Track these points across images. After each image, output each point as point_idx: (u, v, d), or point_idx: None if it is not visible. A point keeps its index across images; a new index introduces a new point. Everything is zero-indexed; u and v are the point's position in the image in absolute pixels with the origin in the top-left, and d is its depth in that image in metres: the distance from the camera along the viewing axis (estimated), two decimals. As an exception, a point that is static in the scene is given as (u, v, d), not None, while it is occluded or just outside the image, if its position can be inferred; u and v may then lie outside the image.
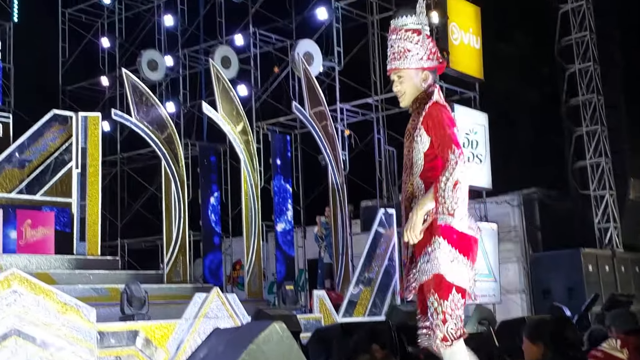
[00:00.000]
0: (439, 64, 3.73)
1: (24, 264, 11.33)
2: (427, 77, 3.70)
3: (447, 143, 3.46)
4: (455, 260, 3.44)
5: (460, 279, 3.45)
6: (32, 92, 17.42)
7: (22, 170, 14.38)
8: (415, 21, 3.76)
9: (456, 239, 3.44)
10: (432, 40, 3.76)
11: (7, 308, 6.94)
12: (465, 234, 3.46)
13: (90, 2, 18.37)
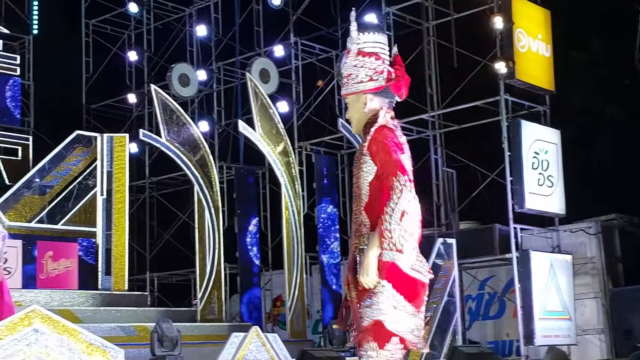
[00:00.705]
0: (387, 82, 3.74)
1: (45, 300, 11.57)
2: (367, 100, 3.75)
3: (391, 169, 3.49)
4: (398, 307, 3.48)
5: (402, 328, 3.50)
6: (53, 111, 17.82)
7: (42, 196, 14.73)
8: (355, 42, 3.79)
9: (402, 283, 3.47)
10: (379, 57, 3.76)
11: (27, 348, 7.12)
12: (412, 278, 3.50)
13: (115, 12, 18.76)
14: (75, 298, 12.45)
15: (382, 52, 3.78)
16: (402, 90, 3.80)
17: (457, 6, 15.05)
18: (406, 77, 3.81)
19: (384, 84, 3.73)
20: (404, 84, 3.79)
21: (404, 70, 3.82)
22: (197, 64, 17.69)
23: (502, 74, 13.17)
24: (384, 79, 3.73)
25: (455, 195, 14.82)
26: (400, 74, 3.77)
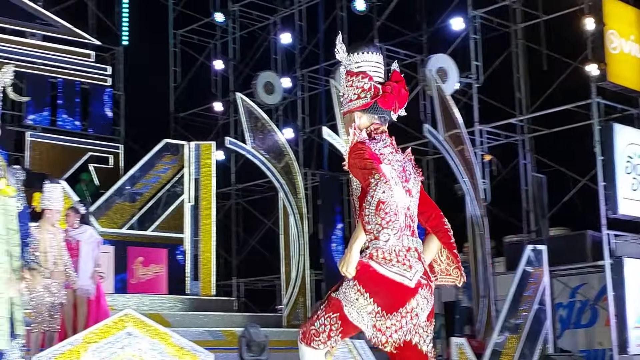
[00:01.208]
0: (374, 98, 3.77)
1: (137, 304, 11.80)
2: (356, 117, 3.80)
3: (366, 173, 3.56)
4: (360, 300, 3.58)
5: (357, 318, 3.60)
6: (142, 120, 18.22)
7: (133, 204, 15.07)
8: (344, 63, 3.87)
9: (373, 282, 3.56)
10: (366, 75, 3.80)
11: (121, 351, 7.29)
12: (387, 278, 3.55)
13: (202, 22, 19.10)
14: (164, 303, 12.67)
15: (371, 69, 3.81)
16: (394, 105, 3.80)
17: (546, 8, 14.77)
18: (399, 92, 3.82)
19: (370, 100, 3.76)
20: (395, 99, 3.79)
21: (401, 86, 3.85)
22: (282, 71, 17.84)
23: (593, 77, 12.87)
24: (372, 95, 3.76)
25: (545, 201, 14.52)
26: (390, 90, 3.78)
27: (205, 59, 19.44)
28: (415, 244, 3.67)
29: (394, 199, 3.47)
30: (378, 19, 16.53)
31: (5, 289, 4.00)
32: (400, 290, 3.57)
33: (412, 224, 3.70)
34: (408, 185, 3.72)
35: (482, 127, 14.80)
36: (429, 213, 3.84)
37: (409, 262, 3.59)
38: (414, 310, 3.59)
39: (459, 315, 13.40)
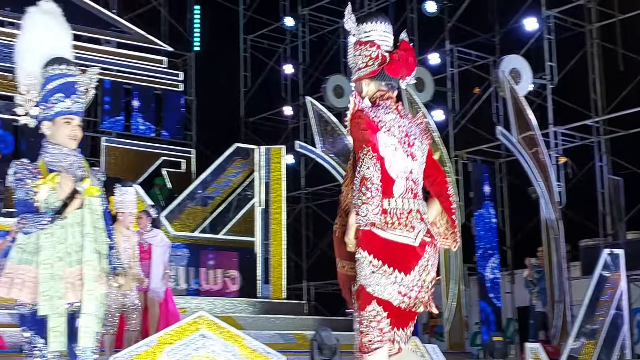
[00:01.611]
0: (381, 65, 3.88)
1: (209, 307, 11.94)
2: (364, 85, 3.97)
3: (359, 146, 3.74)
4: (376, 272, 3.69)
5: (380, 290, 3.70)
6: (214, 125, 18.45)
7: (204, 207, 15.25)
8: (352, 33, 4.01)
9: (379, 248, 3.70)
10: (374, 44, 3.92)
11: (195, 353, 7.37)
12: (392, 242, 3.70)
13: (272, 27, 19.24)
14: (236, 305, 12.79)
15: (379, 38, 3.93)
16: (401, 72, 3.92)
17: (622, 7, 14.44)
18: (407, 60, 3.94)
19: (378, 68, 3.88)
20: (402, 66, 3.91)
21: (409, 54, 3.97)
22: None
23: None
24: (379, 63, 3.88)
25: (622, 203, 14.18)
26: (397, 57, 3.90)
27: (275, 63, 19.56)
28: (417, 205, 3.80)
29: (377, 175, 3.66)
30: (449, 20, 16.39)
31: (95, 287, 4.08)
32: (407, 251, 3.71)
33: (415, 186, 3.83)
34: (411, 149, 3.84)
35: (556, 129, 14.54)
36: (434, 177, 3.95)
37: (411, 223, 3.74)
38: (427, 268, 3.74)
39: (532, 320, 13.21)
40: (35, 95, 4.19)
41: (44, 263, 4.00)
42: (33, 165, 4.10)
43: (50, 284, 3.99)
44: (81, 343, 4.05)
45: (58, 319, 3.98)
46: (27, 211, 4.02)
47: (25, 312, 4.03)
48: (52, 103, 4.14)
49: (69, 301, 4.04)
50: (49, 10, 4.35)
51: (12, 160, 4.11)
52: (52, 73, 4.17)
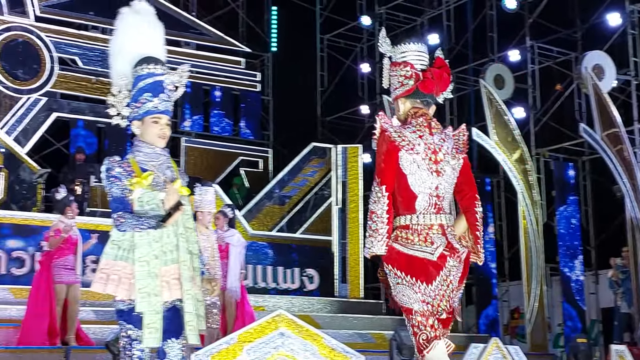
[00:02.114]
0: (413, 85, 4.09)
1: (287, 305, 11.99)
2: (400, 103, 4.17)
3: (375, 173, 4.07)
4: (401, 282, 3.99)
5: (405, 299, 3.99)
6: (290, 125, 18.54)
7: (282, 206, 15.34)
8: (387, 55, 4.24)
9: (400, 262, 3.97)
10: (407, 64, 4.13)
11: (274, 351, 7.38)
12: (412, 256, 3.95)
13: (349, 26, 19.23)
14: (314, 304, 12.81)
15: (413, 58, 4.14)
16: (435, 89, 4.12)
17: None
18: (441, 77, 4.13)
19: (412, 86, 4.08)
20: (435, 83, 4.11)
21: (443, 70, 4.16)
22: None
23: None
24: (413, 82, 4.09)
25: None
26: (430, 75, 4.09)
27: (352, 62, 19.55)
28: (440, 220, 4.00)
29: (384, 209, 3.93)
30: (529, 16, 16.08)
31: (191, 287, 4.12)
32: (427, 263, 3.94)
33: (439, 201, 4.01)
34: (437, 166, 4.01)
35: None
36: (465, 192, 4.12)
37: (431, 239, 3.97)
38: (449, 279, 3.96)
39: (617, 322, 12.86)
40: (126, 95, 4.24)
41: (140, 260, 4.04)
42: (126, 163, 4.14)
43: (147, 281, 4.03)
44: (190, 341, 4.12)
45: (154, 315, 4.02)
46: (123, 209, 4.06)
47: (122, 307, 4.07)
48: (141, 103, 4.18)
49: (165, 299, 4.08)
50: (141, 10, 4.38)
51: (106, 158, 4.15)
52: (141, 73, 4.21)
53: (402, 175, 3.98)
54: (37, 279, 9.05)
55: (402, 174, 3.98)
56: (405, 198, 4.00)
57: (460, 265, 3.99)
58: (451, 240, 3.99)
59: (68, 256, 9.01)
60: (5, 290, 10.39)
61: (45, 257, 9.08)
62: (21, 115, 14.87)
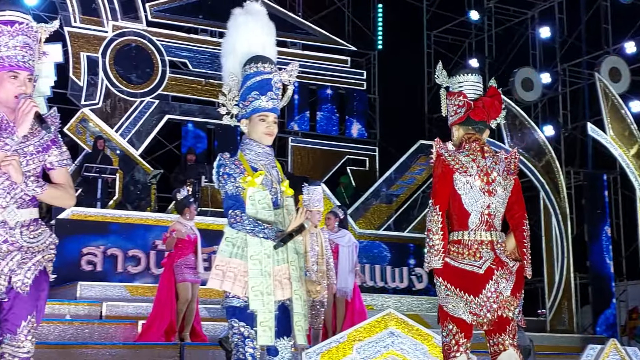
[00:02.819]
0: (464, 113, 4.47)
1: (395, 304, 11.99)
2: (454, 130, 4.54)
3: (431, 194, 4.46)
4: (450, 294, 4.31)
5: (457, 311, 4.30)
6: (397, 123, 18.48)
7: (389, 205, 15.34)
8: (444, 85, 4.61)
9: (450, 275, 4.31)
10: (461, 94, 4.50)
11: (384, 350, 7.39)
12: (462, 269, 4.29)
13: (456, 22, 19.02)
14: (423, 304, 12.75)
15: (468, 88, 4.52)
16: (485, 116, 4.49)
17: None
18: (492, 105, 4.50)
19: (464, 115, 4.46)
20: (486, 111, 4.48)
21: (495, 98, 4.53)
22: (541, 66, 17.32)
23: None
24: (465, 110, 4.47)
25: None
26: (481, 104, 4.47)
27: (460, 58, 19.32)
28: (490, 237, 4.34)
29: (438, 227, 4.30)
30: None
31: (299, 287, 4.18)
32: (475, 277, 4.26)
33: (490, 219, 4.35)
34: (489, 187, 4.37)
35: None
36: (515, 211, 4.44)
37: (480, 253, 4.30)
38: (497, 290, 4.25)
39: None
40: (236, 94, 4.32)
41: (252, 259, 4.09)
42: (238, 160, 4.19)
43: (260, 280, 4.07)
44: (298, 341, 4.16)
45: (267, 314, 4.06)
46: (239, 206, 4.11)
47: (236, 304, 4.10)
48: (249, 101, 4.23)
49: (277, 298, 4.12)
50: (253, 10, 4.45)
51: (219, 154, 4.20)
52: (249, 72, 4.26)
53: (456, 195, 4.36)
54: (161, 280, 9.34)
55: (456, 194, 4.36)
56: (459, 216, 4.37)
57: (511, 276, 4.30)
58: (499, 255, 4.31)
59: (189, 255, 9.26)
60: (122, 288, 10.75)
61: (168, 259, 9.37)
62: (135, 118, 15.38)
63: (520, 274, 4.35)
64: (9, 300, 3.63)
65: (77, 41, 15.12)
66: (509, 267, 4.29)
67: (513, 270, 4.30)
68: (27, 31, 3.72)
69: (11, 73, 3.66)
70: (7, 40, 3.67)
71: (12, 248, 3.64)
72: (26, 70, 3.69)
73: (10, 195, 3.65)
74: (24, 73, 3.69)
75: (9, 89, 3.67)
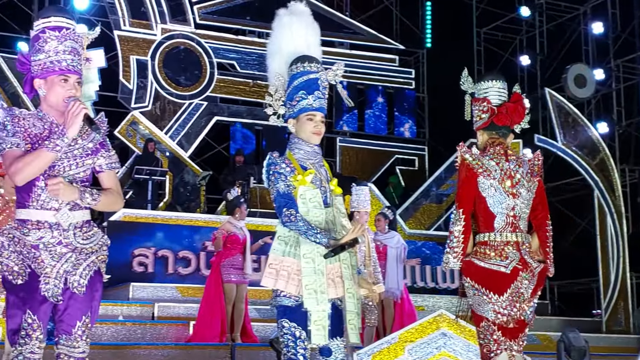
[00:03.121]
0: (488, 119, 4.72)
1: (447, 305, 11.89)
2: (479, 135, 4.80)
3: (455, 198, 4.66)
4: (477, 294, 4.47)
5: (483, 309, 4.46)
6: (446, 121, 18.32)
7: (439, 205, 15.25)
8: (469, 91, 4.90)
9: (478, 275, 4.48)
10: (485, 99, 4.78)
11: (436, 351, 7.34)
12: (488, 269, 4.46)
13: (507, 18, 18.83)
14: (472, 304, 12.63)
15: (493, 95, 4.80)
16: (509, 121, 4.72)
17: None
18: (515, 110, 4.73)
19: (488, 120, 4.70)
20: (509, 116, 4.71)
21: (518, 104, 4.76)
22: (594, 63, 17.06)
23: None
24: (489, 116, 4.70)
25: None
26: (504, 110, 4.71)
27: (510, 55, 19.13)
28: (515, 237, 4.51)
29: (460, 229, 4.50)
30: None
31: (352, 285, 4.17)
32: (500, 276, 4.43)
33: (515, 221, 4.53)
34: (513, 189, 4.56)
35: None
36: (538, 212, 4.64)
37: (506, 254, 4.47)
38: (520, 290, 4.44)
39: None
40: (282, 94, 4.34)
41: (305, 257, 4.08)
42: (287, 159, 4.21)
43: (314, 278, 4.06)
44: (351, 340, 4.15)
45: (321, 313, 4.05)
46: (292, 205, 4.11)
47: (287, 304, 4.09)
48: (296, 100, 4.25)
49: (330, 297, 4.10)
50: (297, 11, 4.47)
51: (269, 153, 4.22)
52: (296, 71, 4.28)
53: (481, 198, 4.55)
54: (209, 279, 9.40)
55: (481, 197, 4.55)
56: (485, 218, 4.55)
57: (533, 278, 4.51)
58: (524, 256, 4.49)
59: (236, 256, 9.29)
60: (173, 289, 10.86)
61: (216, 257, 9.43)
62: (184, 120, 15.52)
63: (541, 276, 4.55)
64: (64, 302, 3.69)
65: (127, 44, 15.31)
66: (532, 268, 4.50)
67: (536, 272, 4.51)
68: (74, 36, 3.80)
69: (62, 77, 3.74)
70: (56, 44, 3.74)
71: (66, 250, 3.71)
72: (75, 74, 3.77)
73: None
74: (73, 77, 3.76)
75: (59, 92, 3.74)
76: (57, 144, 3.61)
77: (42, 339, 3.64)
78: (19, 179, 3.62)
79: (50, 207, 3.69)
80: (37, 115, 3.76)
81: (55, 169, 3.70)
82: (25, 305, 3.62)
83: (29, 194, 3.69)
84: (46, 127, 3.72)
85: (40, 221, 3.69)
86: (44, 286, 3.64)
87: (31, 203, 3.70)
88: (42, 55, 3.74)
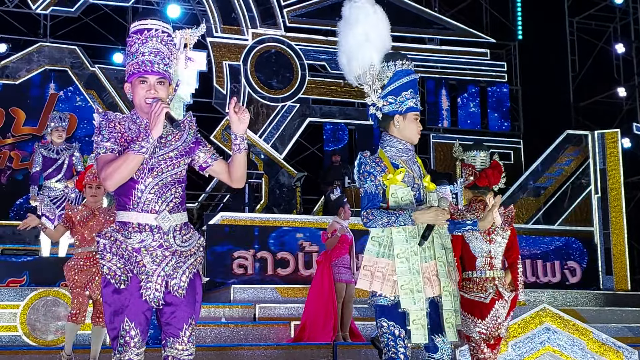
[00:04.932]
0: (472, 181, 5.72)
1: (549, 299, 11.63)
2: (464, 194, 5.85)
3: None
4: (465, 319, 5.46)
5: (470, 331, 5.51)
6: (541, 113, 17.94)
7: (537, 198, 14.91)
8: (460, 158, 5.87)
9: (463, 304, 5.31)
10: (470, 165, 5.76)
11: (540, 346, 7.17)
12: (470, 299, 5.51)
13: (600, 6, 18.28)
14: (577, 298, 12.30)
15: (477, 162, 5.71)
16: (488, 183, 5.66)
17: None
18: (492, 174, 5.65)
19: (471, 181, 5.66)
20: (487, 179, 5.64)
21: (496, 170, 5.68)
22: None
23: None
24: (473, 178, 5.66)
25: None
26: (484, 174, 5.64)
27: (605, 43, 18.55)
28: (492, 274, 5.53)
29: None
30: None
31: (448, 283, 4.09)
32: (481, 305, 5.48)
33: (492, 261, 5.56)
34: (489, 237, 5.55)
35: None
36: (511, 253, 5.71)
37: (485, 288, 5.51)
38: (496, 315, 5.48)
39: None
40: (379, 86, 4.28)
41: (400, 257, 4.04)
42: (378, 158, 4.17)
43: (409, 277, 4.01)
44: (448, 338, 4.09)
45: (419, 312, 4.00)
46: (372, 205, 4.08)
47: (385, 304, 4.06)
48: (404, 97, 4.22)
49: (427, 296, 4.05)
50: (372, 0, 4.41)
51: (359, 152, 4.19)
52: (400, 68, 4.25)
53: (466, 244, 5.56)
54: (317, 278, 9.37)
55: (466, 243, 5.55)
56: (469, 259, 5.56)
57: (506, 305, 5.56)
58: (499, 289, 5.52)
59: (345, 255, 9.27)
60: (273, 290, 10.91)
61: (323, 257, 9.41)
62: (277, 122, 15.63)
63: (513, 302, 5.61)
64: (169, 305, 3.67)
65: (219, 50, 15.53)
66: (505, 297, 5.54)
67: (508, 300, 5.56)
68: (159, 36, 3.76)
69: (140, 78, 3.71)
70: (137, 47, 3.73)
71: (167, 253, 3.68)
72: (154, 75, 3.71)
73: (162, 200, 3.69)
74: (152, 77, 3.71)
75: (140, 94, 3.71)
76: (143, 145, 3.58)
77: (140, 345, 3.62)
78: (109, 184, 3.61)
79: (151, 210, 3.66)
80: (131, 118, 3.76)
81: (154, 171, 3.68)
82: (124, 312, 3.61)
83: (129, 197, 3.66)
84: (141, 130, 3.71)
85: (142, 224, 3.66)
86: (145, 291, 3.62)
87: (132, 206, 3.67)
88: (128, 60, 3.76)
